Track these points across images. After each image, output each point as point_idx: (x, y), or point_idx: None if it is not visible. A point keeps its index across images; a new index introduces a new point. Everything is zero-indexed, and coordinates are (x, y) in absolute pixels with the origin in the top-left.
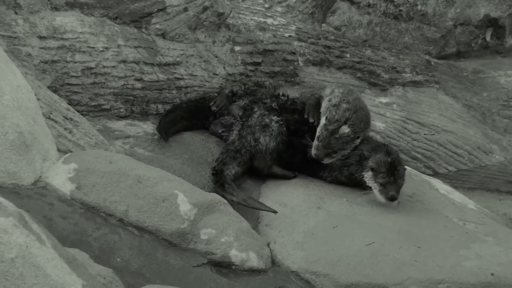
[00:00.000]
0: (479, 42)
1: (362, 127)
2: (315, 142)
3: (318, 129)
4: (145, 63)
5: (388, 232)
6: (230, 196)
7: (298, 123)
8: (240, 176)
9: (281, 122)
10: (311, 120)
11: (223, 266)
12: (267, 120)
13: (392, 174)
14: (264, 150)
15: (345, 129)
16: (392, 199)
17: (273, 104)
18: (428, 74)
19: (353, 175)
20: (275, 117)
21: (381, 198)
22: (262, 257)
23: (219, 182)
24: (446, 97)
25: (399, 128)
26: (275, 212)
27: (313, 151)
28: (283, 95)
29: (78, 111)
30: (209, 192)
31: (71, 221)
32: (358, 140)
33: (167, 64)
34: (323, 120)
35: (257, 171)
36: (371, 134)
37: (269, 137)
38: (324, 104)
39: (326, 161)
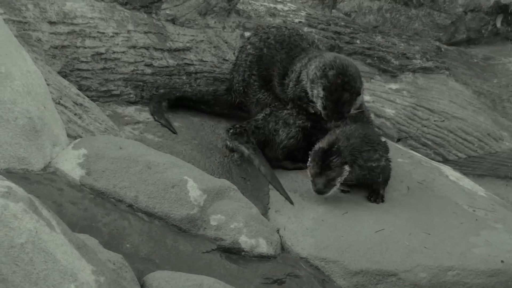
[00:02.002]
0: (489, 28)
1: (358, 85)
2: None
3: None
4: (155, 49)
5: (397, 218)
6: (259, 164)
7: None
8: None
9: (301, 128)
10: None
11: (232, 252)
12: (291, 121)
13: (321, 165)
14: (278, 143)
15: (345, 95)
16: (317, 192)
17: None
18: (438, 61)
19: None
20: (300, 121)
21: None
22: (272, 243)
23: (249, 144)
24: (456, 84)
25: (409, 115)
26: (291, 202)
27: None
28: None
29: (88, 96)
30: (219, 178)
31: (80, 207)
32: (360, 97)
33: (177, 50)
34: (320, 92)
35: (266, 159)
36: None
37: (286, 135)
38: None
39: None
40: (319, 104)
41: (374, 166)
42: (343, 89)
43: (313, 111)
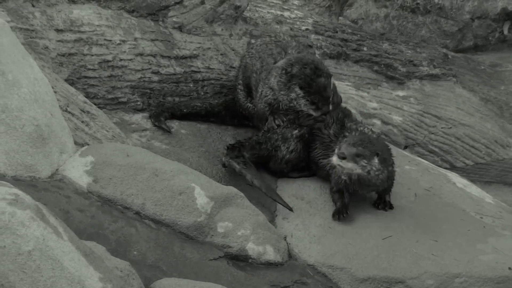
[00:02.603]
0: (496, 35)
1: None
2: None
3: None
4: (162, 56)
5: (405, 225)
6: (251, 178)
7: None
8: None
9: (299, 138)
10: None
11: (239, 259)
12: (289, 134)
13: (354, 142)
14: (281, 158)
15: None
16: (338, 156)
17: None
18: (445, 68)
19: None
20: (296, 131)
21: None
22: (279, 250)
23: (240, 158)
24: (463, 91)
25: (416, 122)
26: (291, 209)
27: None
28: None
29: (95, 104)
30: (226, 185)
31: (88, 214)
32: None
33: (184, 57)
34: (298, 92)
35: (272, 172)
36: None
37: (287, 150)
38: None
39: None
40: (302, 105)
41: (391, 171)
42: (316, 76)
43: (278, 123)
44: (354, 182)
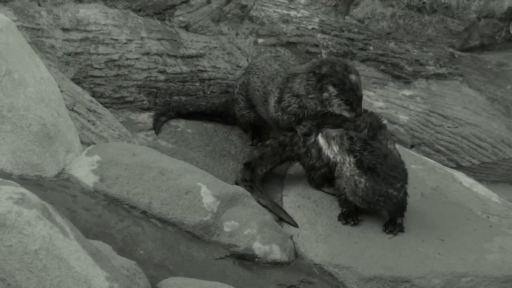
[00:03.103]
0: (502, 34)
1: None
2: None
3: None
4: (168, 55)
5: (411, 225)
6: (257, 198)
7: None
8: (269, 173)
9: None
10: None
11: (246, 258)
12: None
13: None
14: (307, 164)
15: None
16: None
17: None
18: (452, 67)
19: None
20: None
21: None
22: (285, 249)
23: (247, 182)
24: (469, 90)
25: (423, 121)
26: (296, 225)
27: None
28: None
29: (101, 103)
30: (232, 184)
31: (94, 213)
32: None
33: (190, 56)
34: (332, 91)
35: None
36: None
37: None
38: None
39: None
40: (336, 105)
41: (394, 194)
42: (348, 73)
43: (308, 131)
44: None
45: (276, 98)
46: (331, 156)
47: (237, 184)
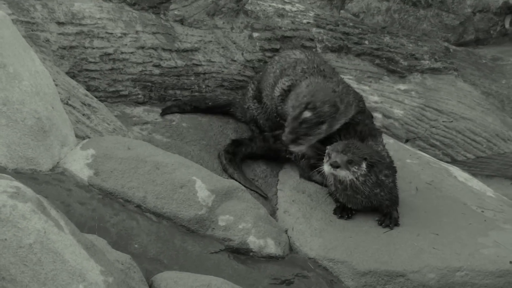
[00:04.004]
0: (498, 29)
1: (327, 110)
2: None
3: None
4: (163, 49)
5: (406, 219)
6: (232, 172)
7: None
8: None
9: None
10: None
11: (240, 252)
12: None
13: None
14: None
15: (306, 114)
16: (331, 165)
17: None
18: (447, 61)
19: None
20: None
21: None
22: (280, 244)
23: (229, 154)
24: (464, 84)
25: (418, 115)
26: (266, 197)
27: (282, 137)
28: None
29: (96, 97)
30: (227, 178)
31: (89, 207)
32: (324, 125)
33: (185, 50)
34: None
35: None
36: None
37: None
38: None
39: (293, 148)
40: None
41: (386, 182)
42: (305, 107)
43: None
44: (344, 188)
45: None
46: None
47: (219, 155)
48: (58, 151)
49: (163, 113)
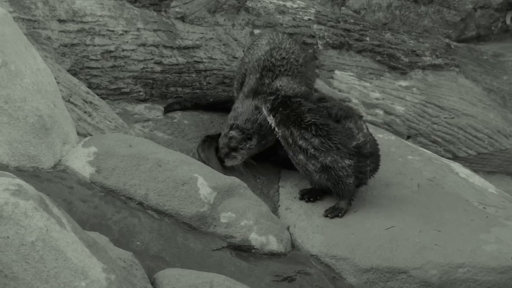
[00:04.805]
0: (499, 25)
1: (249, 128)
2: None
3: None
4: (165, 47)
5: (407, 216)
6: (201, 151)
7: None
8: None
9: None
10: None
11: (242, 249)
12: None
13: None
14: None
15: (232, 133)
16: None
17: None
18: (448, 58)
19: None
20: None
21: None
22: (282, 240)
23: (208, 137)
24: (466, 81)
25: (419, 112)
26: (222, 170)
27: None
28: None
29: (97, 94)
30: (229, 175)
31: (91, 205)
32: (253, 141)
33: (187, 48)
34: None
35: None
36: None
37: None
38: None
39: (228, 162)
40: None
41: (316, 155)
42: (230, 128)
43: None
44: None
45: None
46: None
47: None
48: (59, 149)
49: (165, 111)
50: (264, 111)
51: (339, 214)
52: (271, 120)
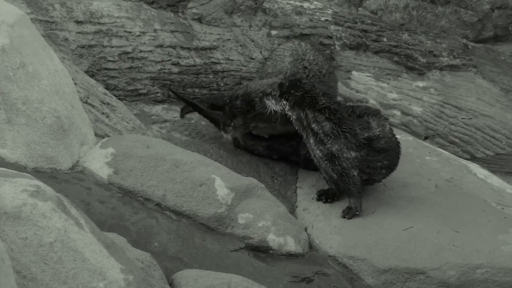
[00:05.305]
0: None
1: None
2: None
3: None
4: (182, 48)
5: (426, 216)
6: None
7: None
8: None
9: None
10: None
11: (260, 250)
12: None
13: None
14: None
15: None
16: None
17: None
18: (466, 58)
19: None
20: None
21: None
22: (300, 241)
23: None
24: (483, 81)
25: (437, 112)
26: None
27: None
28: None
29: (115, 95)
30: (246, 176)
31: (108, 206)
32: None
33: (204, 49)
34: None
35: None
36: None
37: None
38: None
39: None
40: None
41: (324, 140)
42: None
43: None
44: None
45: None
46: (278, 109)
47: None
48: (77, 150)
49: (182, 114)
50: (271, 101)
51: (357, 213)
52: (283, 105)
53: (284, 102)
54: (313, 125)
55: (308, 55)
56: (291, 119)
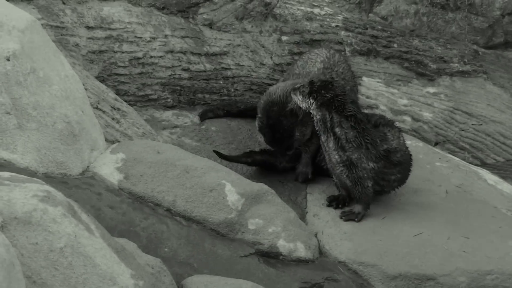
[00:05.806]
0: None
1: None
2: None
3: None
4: (192, 53)
5: (436, 222)
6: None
7: None
8: None
9: None
10: None
11: (270, 256)
12: None
13: None
14: None
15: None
16: None
17: None
18: (476, 64)
19: None
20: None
21: None
22: (310, 247)
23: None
24: (494, 87)
25: (447, 118)
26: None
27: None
28: None
29: (125, 101)
30: (256, 182)
31: (119, 211)
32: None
33: (214, 54)
34: None
35: None
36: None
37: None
38: None
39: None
40: None
41: (346, 147)
42: None
43: None
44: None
45: None
46: (303, 106)
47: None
48: (88, 155)
49: (202, 119)
50: (298, 97)
51: (355, 219)
52: (309, 103)
53: (312, 100)
54: (337, 129)
55: (338, 67)
56: (313, 118)
